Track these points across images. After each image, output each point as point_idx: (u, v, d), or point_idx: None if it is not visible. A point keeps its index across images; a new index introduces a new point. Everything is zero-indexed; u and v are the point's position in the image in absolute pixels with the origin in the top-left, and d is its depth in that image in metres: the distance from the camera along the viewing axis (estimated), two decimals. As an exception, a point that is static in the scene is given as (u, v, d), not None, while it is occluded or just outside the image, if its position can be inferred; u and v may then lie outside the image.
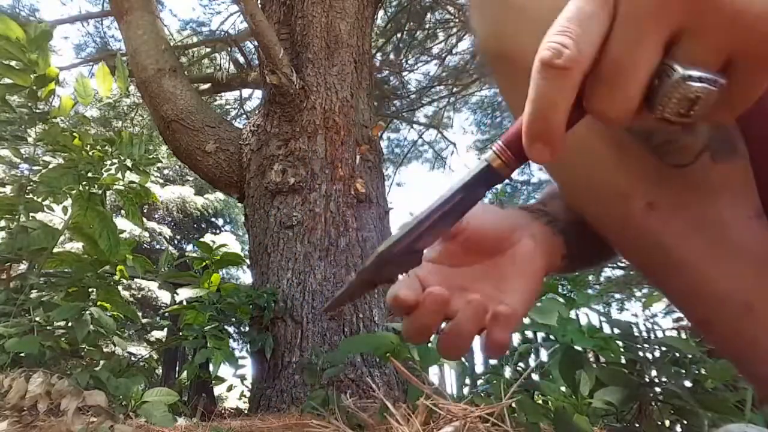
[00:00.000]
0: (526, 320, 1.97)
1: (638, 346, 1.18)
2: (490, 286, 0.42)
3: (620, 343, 1.26)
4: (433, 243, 0.37)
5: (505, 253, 0.43)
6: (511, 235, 0.44)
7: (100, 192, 1.82)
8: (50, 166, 1.79)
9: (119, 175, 1.88)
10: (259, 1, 3.01)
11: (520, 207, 0.50)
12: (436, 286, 0.39)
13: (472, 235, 0.42)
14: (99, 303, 1.76)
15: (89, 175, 1.80)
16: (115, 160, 1.88)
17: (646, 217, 0.39)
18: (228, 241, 2.43)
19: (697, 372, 1.22)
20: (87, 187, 1.80)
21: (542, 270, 0.44)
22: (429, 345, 1.61)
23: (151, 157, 1.92)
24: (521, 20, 0.39)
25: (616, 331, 1.56)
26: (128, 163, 1.87)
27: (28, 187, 1.75)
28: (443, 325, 0.40)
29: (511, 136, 0.31)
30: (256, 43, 3.27)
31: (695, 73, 0.25)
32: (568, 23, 0.27)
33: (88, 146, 1.84)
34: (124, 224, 2.96)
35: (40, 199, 1.74)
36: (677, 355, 1.20)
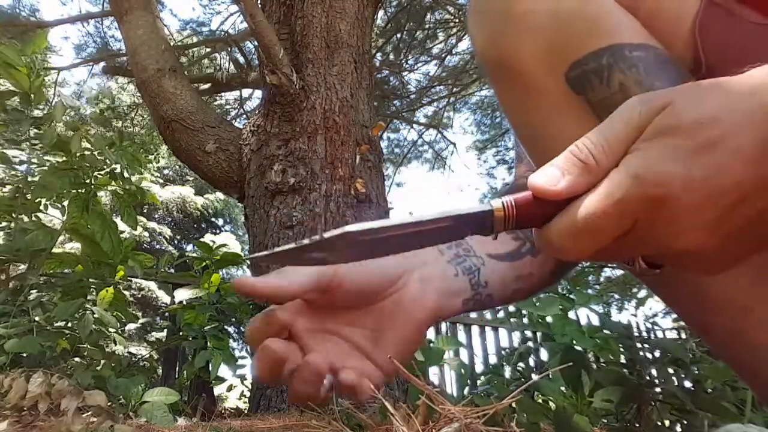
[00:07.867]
0: (525, 320, 1.97)
1: (638, 346, 1.18)
2: (361, 334, 0.41)
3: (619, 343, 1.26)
4: (395, 252, 0.33)
5: (387, 299, 0.41)
6: (394, 282, 0.42)
7: (94, 194, 1.80)
8: (48, 167, 1.78)
9: (120, 177, 1.87)
10: (259, 1, 3.01)
11: None
12: (276, 344, 0.37)
13: (346, 293, 0.40)
14: (98, 300, 1.75)
15: (86, 178, 1.79)
16: (115, 165, 1.87)
17: None
18: (228, 241, 2.43)
19: (697, 372, 1.22)
20: (83, 190, 1.78)
21: (429, 316, 0.42)
22: (430, 345, 1.61)
23: (147, 158, 1.91)
24: (520, 29, 0.39)
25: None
26: (125, 164, 1.86)
27: (30, 187, 1.74)
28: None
29: (523, 199, 0.30)
30: (256, 43, 3.27)
31: None
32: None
33: (92, 146, 1.83)
34: (123, 225, 2.97)
35: (43, 200, 1.73)
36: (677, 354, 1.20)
